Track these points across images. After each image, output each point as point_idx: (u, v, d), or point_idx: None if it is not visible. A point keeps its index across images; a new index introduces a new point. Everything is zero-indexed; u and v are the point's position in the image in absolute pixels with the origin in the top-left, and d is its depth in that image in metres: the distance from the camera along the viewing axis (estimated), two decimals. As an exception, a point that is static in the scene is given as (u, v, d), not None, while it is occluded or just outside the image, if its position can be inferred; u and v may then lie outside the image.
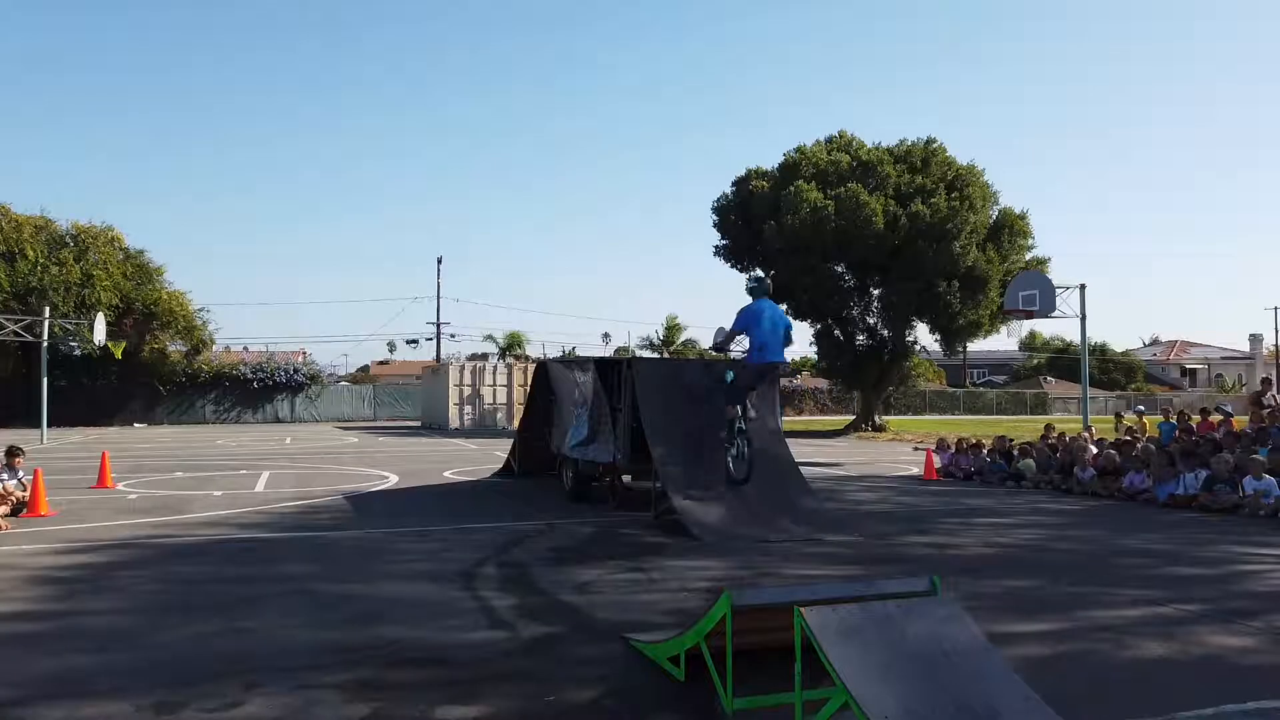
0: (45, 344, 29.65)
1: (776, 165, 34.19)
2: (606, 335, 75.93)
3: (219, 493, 13.34)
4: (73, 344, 36.77)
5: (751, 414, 9.98)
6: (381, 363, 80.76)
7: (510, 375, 37.09)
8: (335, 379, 54.04)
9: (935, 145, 33.34)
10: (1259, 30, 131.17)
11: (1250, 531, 10.08)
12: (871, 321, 34.77)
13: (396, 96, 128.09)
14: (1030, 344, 74.98)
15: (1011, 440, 16.58)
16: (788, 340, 9.42)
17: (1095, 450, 14.47)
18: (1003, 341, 50.48)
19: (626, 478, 11.95)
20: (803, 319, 34.92)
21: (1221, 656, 5.23)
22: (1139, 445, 14.20)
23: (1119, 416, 20.97)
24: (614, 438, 11.20)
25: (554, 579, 7.35)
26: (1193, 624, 5.94)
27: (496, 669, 4.94)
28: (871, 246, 31.03)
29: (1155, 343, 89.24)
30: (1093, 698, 4.49)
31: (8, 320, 30.47)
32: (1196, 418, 16.34)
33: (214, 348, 47.58)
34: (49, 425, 28.74)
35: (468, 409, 36.33)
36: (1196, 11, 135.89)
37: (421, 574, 7.54)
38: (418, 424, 40.93)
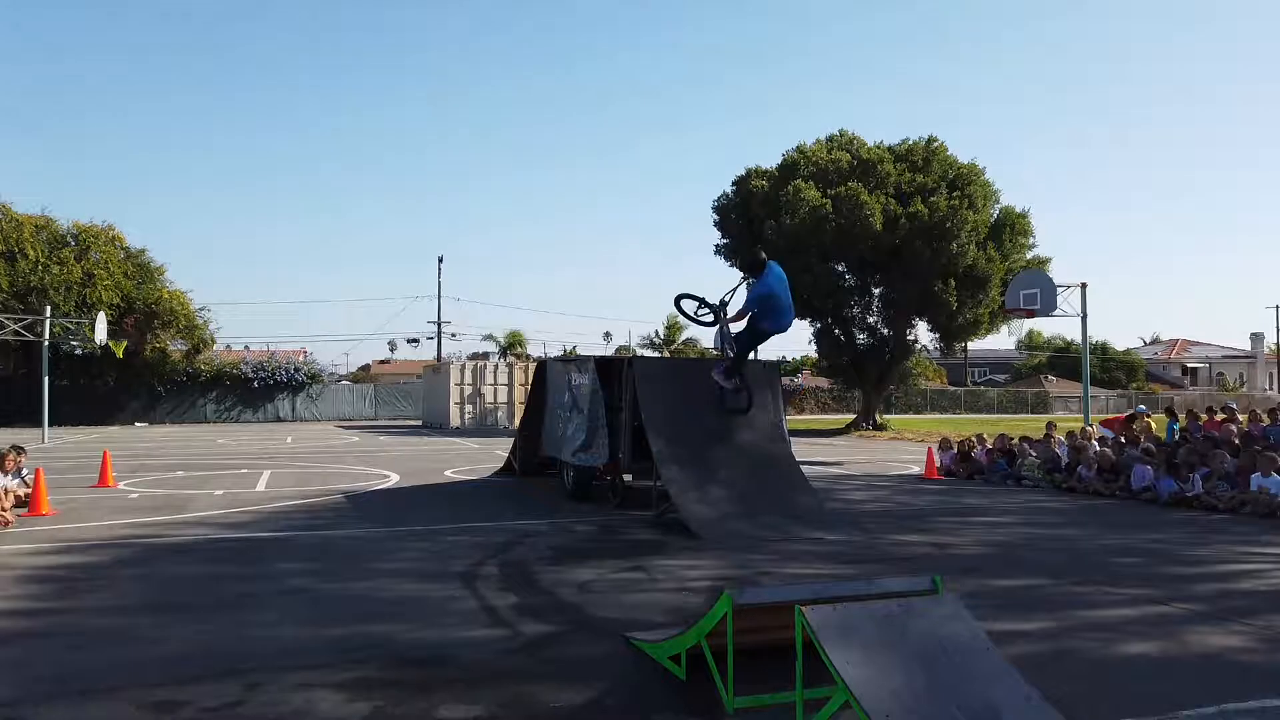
0: (46, 343, 29.64)
1: (777, 164, 34.18)
2: (608, 334, 75.86)
3: (220, 492, 13.34)
4: (74, 343, 36.73)
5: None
6: (382, 362, 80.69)
7: (511, 374, 37.06)
8: (336, 378, 53.97)
9: (936, 144, 33.27)
10: (1260, 30, 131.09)
11: (1252, 530, 10.07)
12: (872, 320, 34.76)
13: (398, 95, 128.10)
14: (1029, 345, 74.89)
15: (1012, 439, 16.57)
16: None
17: (1097, 448, 14.46)
18: (1004, 340, 50.53)
19: (627, 476, 11.94)
20: (803, 318, 34.88)
21: (1223, 655, 5.23)
22: (1142, 445, 14.18)
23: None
24: (609, 438, 11.21)
25: (555, 578, 7.35)
26: (1194, 623, 5.94)
27: (497, 668, 4.94)
28: (871, 245, 31.01)
29: (1156, 341, 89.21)
30: (1094, 696, 4.49)
31: (9, 319, 30.46)
32: (1205, 416, 16.32)
33: (215, 347, 47.48)
34: (50, 424, 28.75)
35: (469, 408, 36.32)
36: (1198, 11, 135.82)
37: (422, 573, 7.54)
38: (419, 423, 40.91)
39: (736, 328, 10.69)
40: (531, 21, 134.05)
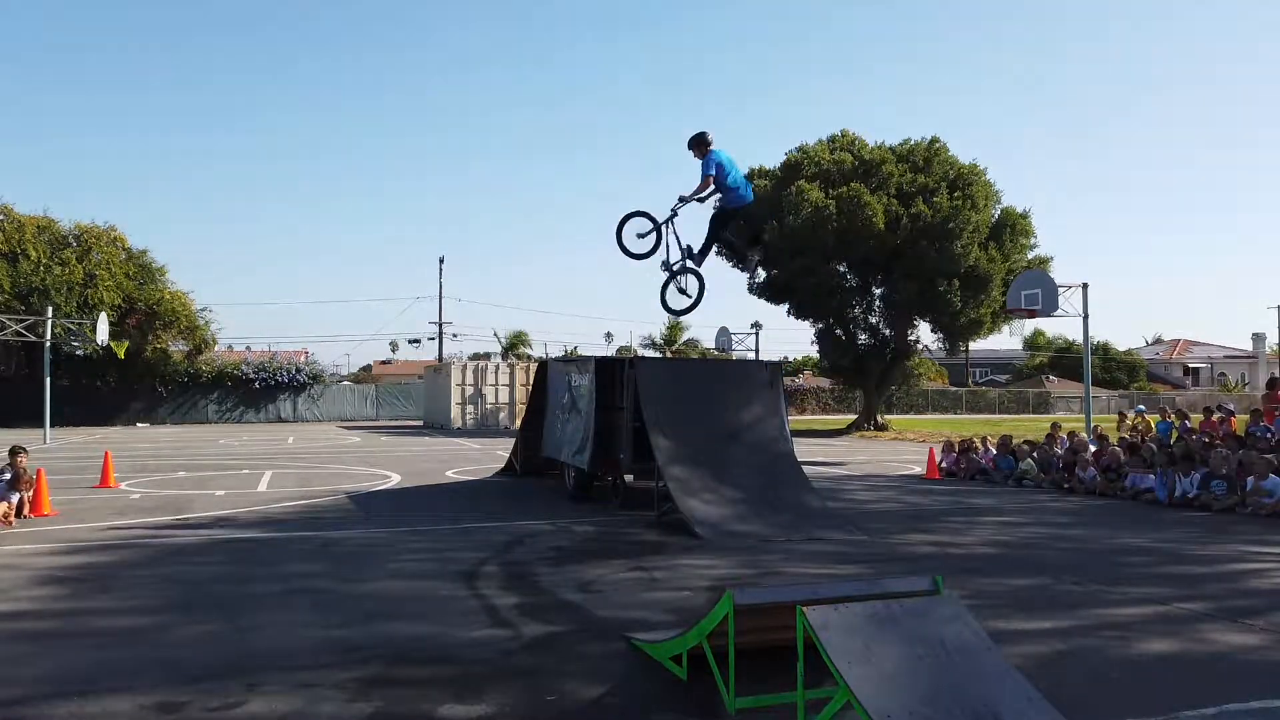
0: (48, 344, 29.63)
1: (779, 164, 34.18)
2: (609, 335, 76.00)
3: (221, 492, 13.34)
4: (75, 344, 36.68)
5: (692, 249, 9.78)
6: (384, 362, 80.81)
7: (513, 375, 37.05)
8: (337, 379, 54.00)
9: (938, 145, 33.26)
10: (1260, 30, 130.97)
11: (1253, 531, 10.06)
12: (873, 321, 34.74)
13: (398, 95, 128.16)
14: (1034, 343, 74.84)
15: (1014, 439, 16.55)
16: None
17: (1096, 449, 14.44)
18: (1005, 340, 50.47)
19: (628, 477, 11.94)
20: (805, 318, 34.90)
21: (1224, 655, 5.22)
22: (1143, 445, 14.16)
23: (1122, 416, 20.90)
24: (608, 440, 11.21)
25: (556, 578, 7.35)
26: (1195, 623, 5.94)
27: (499, 668, 4.94)
28: (873, 246, 31.00)
29: (1158, 341, 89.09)
30: (1095, 696, 4.48)
31: (11, 320, 30.48)
32: (1198, 416, 16.30)
33: (216, 347, 47.52)
34: (52, 425, 28.75)
35: (470, 409, 36.32)
36: (1198, 12, 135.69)
37: (424, 573, 7.55)
38: (420, 424, 40.92)
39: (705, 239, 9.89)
40: (534, 20, 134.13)
